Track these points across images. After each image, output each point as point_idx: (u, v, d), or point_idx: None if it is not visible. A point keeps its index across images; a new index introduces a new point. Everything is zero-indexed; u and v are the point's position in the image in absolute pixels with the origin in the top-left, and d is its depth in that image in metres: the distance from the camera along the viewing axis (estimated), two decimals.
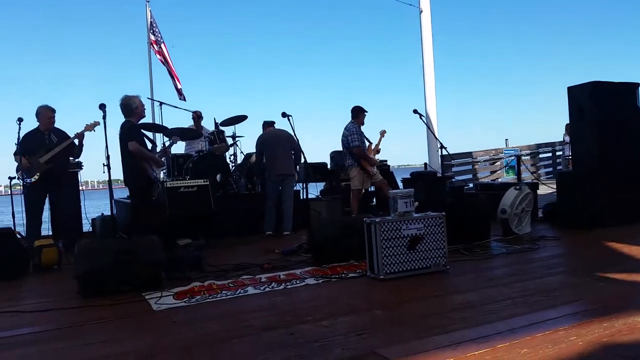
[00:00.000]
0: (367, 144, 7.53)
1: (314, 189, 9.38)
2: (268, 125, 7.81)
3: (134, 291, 4.00)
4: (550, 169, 15.31)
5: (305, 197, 8.12)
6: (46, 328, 3.27)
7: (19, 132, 6.12)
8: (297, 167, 7.77)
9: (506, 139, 13.98)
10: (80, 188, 7.38)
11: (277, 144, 7.45)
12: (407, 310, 3.30)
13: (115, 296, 3.89)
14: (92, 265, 3.99)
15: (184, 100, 11.70)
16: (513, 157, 12.22)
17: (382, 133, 7.96)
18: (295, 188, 7.74)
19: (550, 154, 15.62)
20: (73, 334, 3.13)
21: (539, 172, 14.17)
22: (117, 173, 5.61)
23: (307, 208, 7.80)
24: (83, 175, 7.15)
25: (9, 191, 6.85)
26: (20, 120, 6.17)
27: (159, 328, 3.17)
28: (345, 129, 7.34)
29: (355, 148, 7.22)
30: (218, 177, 7.46)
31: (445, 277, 4.13)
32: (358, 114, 7.43)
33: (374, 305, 3.40)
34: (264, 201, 7.36)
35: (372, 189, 8.26)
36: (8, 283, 4.73)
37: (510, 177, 13.00)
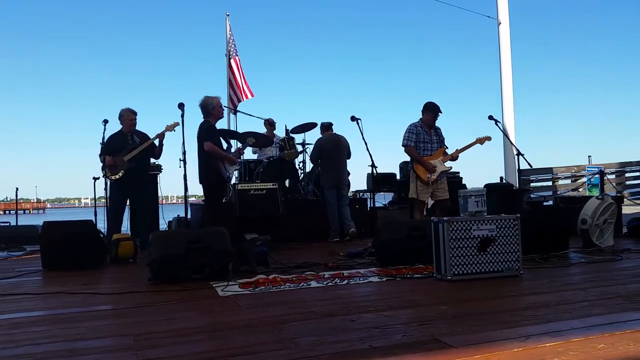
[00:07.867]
0: (437, 147, 6.40)
1: (382, 200, 9.27)
2: (326, 128, 7.74)
3: (203, 280, 4.13)
4: (638, 190, 14.22)
5: (372, 205, 8.05)
6: (115, 307, 3.45)
7: (104, 133, 6.50)
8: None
9: (589, 156, 13.19)
10: (160, 202, 7.70)
11: (335, 152, 7.47)
12: (475, 307, 3.15)
13: (184, 283, 4.02)
14: (164, 253, 4.14)
15: (234, 114, 10.99)
16: (596, 175, 11.50)
17: (481, 140, 6.49)
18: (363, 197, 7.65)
19: (638, 173, 14.52)
20: (140, 312, 3.27)
21: (625, 191, 13.23)
22: (195, 189, 5.93)
23: (373, 217, 7.71)
24: (164, 190, 7.46)
25: (94, 203, 7.31)
26: (105, 121, 6.55)
27: (223, 309, 3.24)
28: None
29: (405, 147, 6.34)
30: (287, 182, 7.57)
31: (518, 281, 3.92)
32: (424, 111, 6.41)
33: (439, 301, 3.28)
34: (325, 208, 7.39)
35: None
36: (86, 271, 4.99)
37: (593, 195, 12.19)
